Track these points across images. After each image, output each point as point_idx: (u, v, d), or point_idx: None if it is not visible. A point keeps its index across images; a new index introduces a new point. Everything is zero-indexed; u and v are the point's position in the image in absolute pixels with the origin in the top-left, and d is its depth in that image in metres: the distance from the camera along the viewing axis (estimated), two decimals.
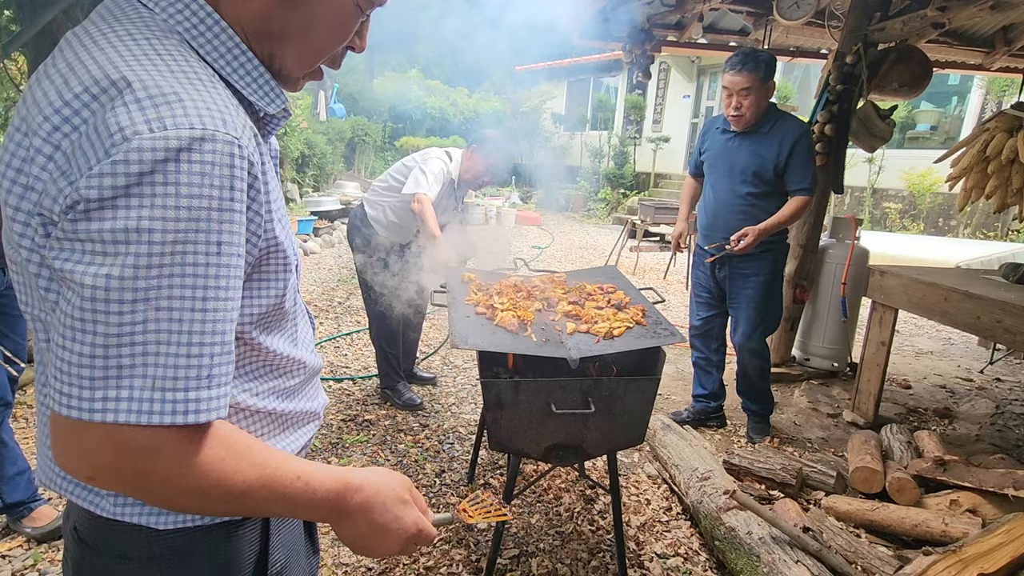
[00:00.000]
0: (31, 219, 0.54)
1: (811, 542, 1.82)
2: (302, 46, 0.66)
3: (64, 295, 0.51)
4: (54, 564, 1.95)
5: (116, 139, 0.49)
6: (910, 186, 9.67)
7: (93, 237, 0.49)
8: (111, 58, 0.53)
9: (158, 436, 0.52)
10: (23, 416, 2.88)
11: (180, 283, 0.51)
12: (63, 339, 0.50)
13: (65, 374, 0.50)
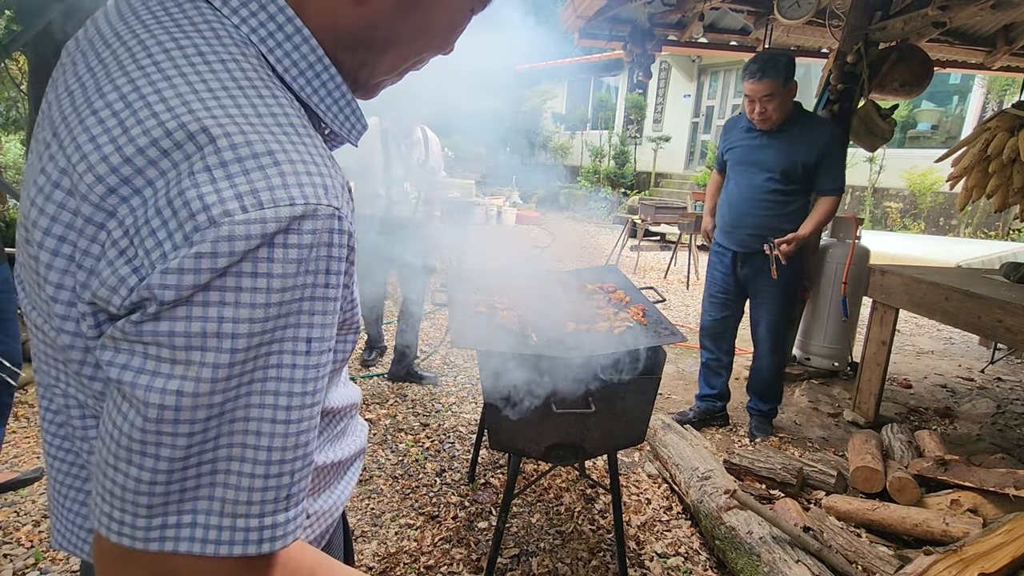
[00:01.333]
0: (78, 300, 0.42)
1: (812, 542, 1.82)
2: (405, 52, 0.58)
3: (119, 406, 0.40)
4: (55, 563, 1.96)
5: (200, 221, 0.38)
6: (911, 185, 9.66)
7: (161, 341, 0.39)
8: (183, 95, 0.41)
9: (219, 568, 0.43)
10: (24, 416, 2.89)
11: (260, 390, 0.42)
12: (115, 459, 0.40)
13: (117, 498, 0.41)
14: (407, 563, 2.03)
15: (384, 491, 2.46)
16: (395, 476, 2.57)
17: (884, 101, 3.60)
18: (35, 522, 2.15)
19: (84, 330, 0.42)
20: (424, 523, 2.25)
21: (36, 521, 2.15)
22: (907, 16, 3.14)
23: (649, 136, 13.21)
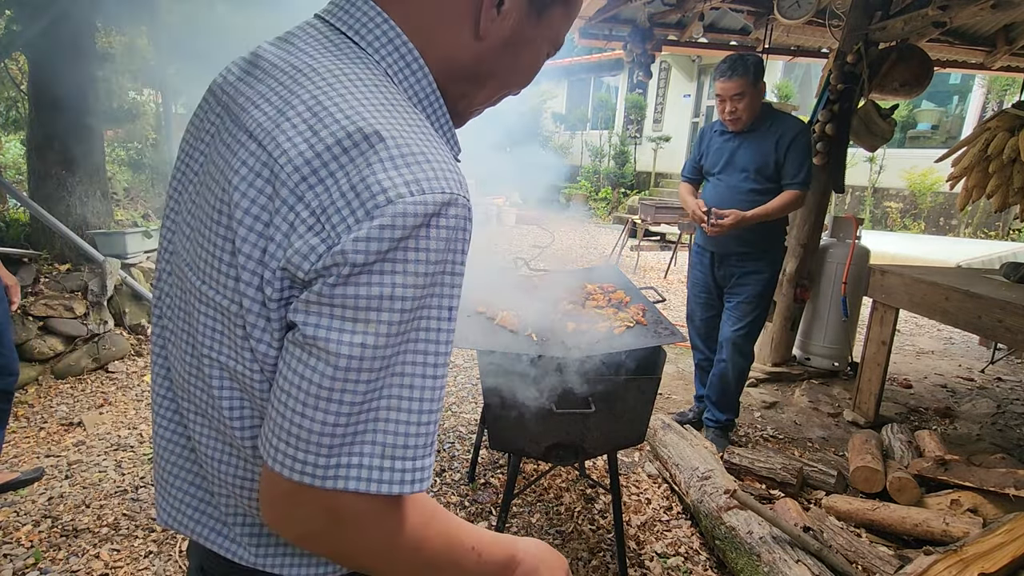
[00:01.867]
0: (264, 269, 0.50)
1: (812, 541, 1.82)
2: (498, 86, 0.68)
3: (306, 361, 0.48)
4: (55, 563, 1.96)
5: (379, 200, 0.47)
6: (911, 185, 9.66)
7: (347, 303, 0.47)
8: (356, 107, 0.51)
9: (375, 504, 0.51)
10: (24, 416, 2.89)
11: (413, 349, 0.50)
12: (303, 406, 0.48)
13: (302, 440, 0.48)
14: None
15: None
16: None
17: (884, 101, 3.60)
18: (35, 522, 2.15)
19: (268, 294, 0.50)
20: None
21: (36, 521, 2.15)
22: (907, 16, 3.14)
23: (649, 136, 13.20)
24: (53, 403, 3.06)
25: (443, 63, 0.61)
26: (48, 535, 2.09)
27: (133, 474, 2.49)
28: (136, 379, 3.41)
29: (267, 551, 0.62)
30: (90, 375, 3.38)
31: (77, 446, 2.68)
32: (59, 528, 2.12)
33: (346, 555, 0.55)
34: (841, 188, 3.60)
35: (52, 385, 3.24)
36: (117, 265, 3.74)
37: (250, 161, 0.51)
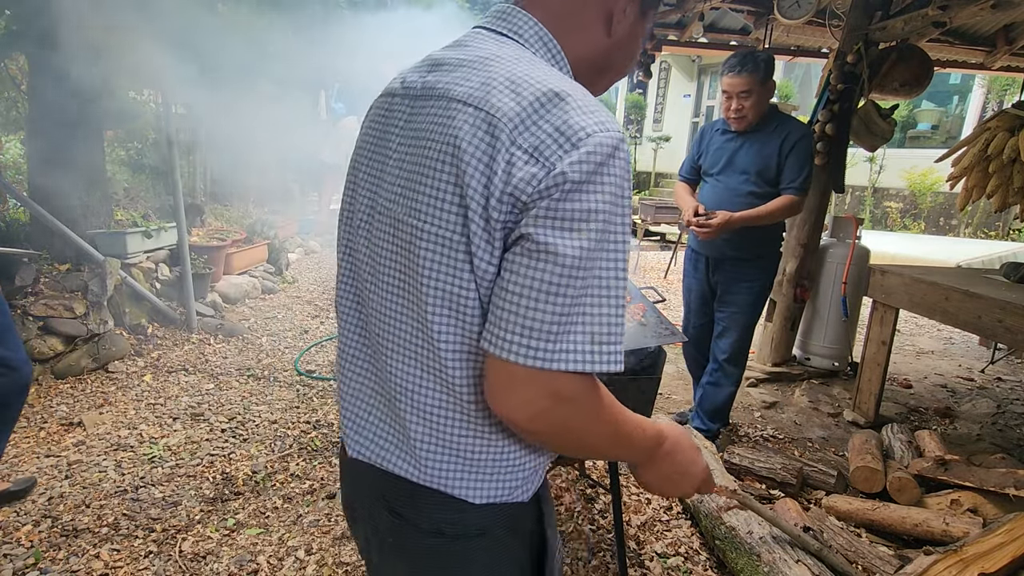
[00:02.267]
0: (489, 198, 0.62)
1: (812, 541, 1.82)
2: (613, 77, 0.84)
3: (535, 265, 0.60)
4: (55, 563, 1.96)
5: (581, 135, 0.60)
6: (911, 185, 9.66)
7: (566, 215, 0.59)
8: (540, 77, 0.65)
9: (585, 383, 0.64)
10: (24, 416, 2.89)
11: (606, 256, 0.62)
12: (535, 301, 0.60)
13: (534, 330, 0.60)
14: None
15: None
16: None
17: (884, 101, 3.60)
18: (35, 522, 2.15)
19: (495, 217, 0.62)
20: None
21: (36, 521, 2.15)
22: (907, 16, 3.14)
23: (649, 136, 13.20)
24: (53, 403, 3.06)
25: (577, 59, 0.77)
26: (48, 535, 2.09)
27: (133, 474, 2.49)
28: (136, 379, 3.41)
29: (451, 472, 0.72)
30: (90, 375, 3.38)
31: (77, 446, 2.68)
32: (59, 528, 2.12)
33: (563, 432, 0.67)
34: (841, 188, 3.59)
35: (52, 385, 3.24)
36: (117, 265, 3.74)
37: (471, 119, 0.64)
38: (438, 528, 0.74)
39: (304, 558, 2.04)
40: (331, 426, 3.00)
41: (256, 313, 4.85)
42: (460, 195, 0.64)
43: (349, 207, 0.81)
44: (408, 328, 0.71)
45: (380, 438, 0.77)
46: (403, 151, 0.71)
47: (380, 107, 0.80)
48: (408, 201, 0.69)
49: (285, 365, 3.81)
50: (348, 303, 0.82)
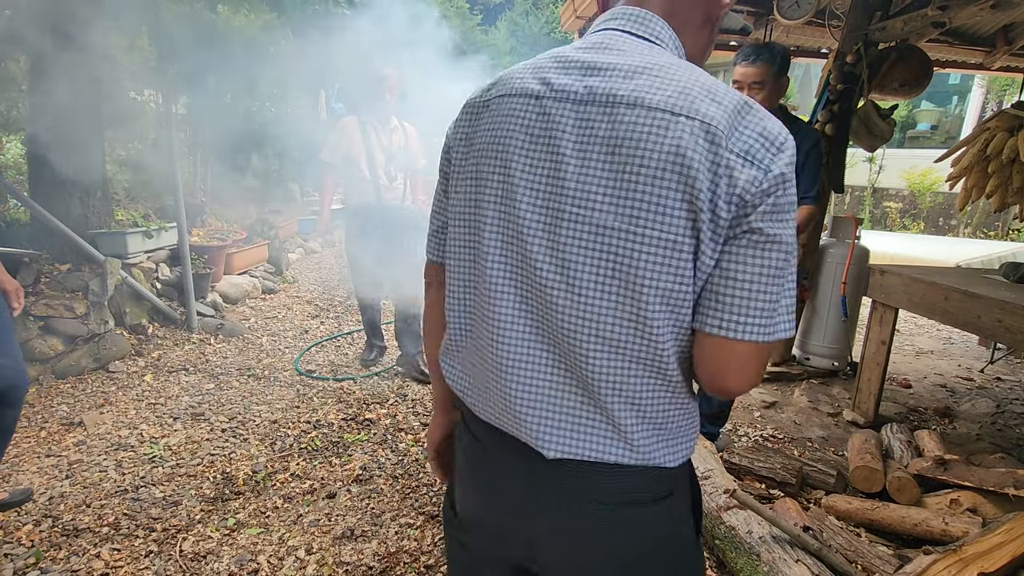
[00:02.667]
0: (716, 200, 0.68)
1: (811, 541, 1.83)
2: None
3: (766, 253, 0.69)
4: (56, 562, 1.96)
5: (780, 139, 0.69)
6: (910, 185, 9.66)
7: (783, 208, 0.69)
8: (723, 86, 0.73)
9: (773, 346, 0.74)
10: (24, 415, 2.89)
11: None
12: (767, 285, 0.69)
13: (765, 310, 0.70)
14: (407, 562, 2.04)
15: (384, 490, 2.46)
16: (395, 476, 2.58)
17: (884, 101, 3.61)
18: (35, 521, 2.15)
19: (724, 216, 0.68)
20: (424, 522, 2.25)
21: (36, 520, 2.16)
22: (907, 16, 3.14)
23: None
24: (53, 403, 3.06)
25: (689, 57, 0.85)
26: (49, 535, 2.09)
27: (133, 474, 2.49)
28: (136, 379, 3.41)
29: (657, 446, 0.78)
30: (90, 375, 3.39)
31: (77, 446, 2.69)
32: (60, 528, 2.13)
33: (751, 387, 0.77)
34: (841, 188, 3.60)
35: (52, 385, 3.24)
36: (117, 265, 3.74)
37: (689, 129, 0.69)
38: (636, 499, 0.80)
39: (304, 558, 2.04)
40: (331, 425, 3.01)
41: (256, 313, 4.85)
42: (689, 200, 0.68)
43: (503, 213, 0.78)
44: (615, 325, 0.73)
45: (584, 433, 0.78)
46: (595, 159, 0.72)
47: (514, 109, 0.79)
48: (620, 209, 0.71)
49: (285, 365, 3.81)
50: (513, 313, 0.80)
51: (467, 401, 0.88)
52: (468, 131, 0.84)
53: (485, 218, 0.80)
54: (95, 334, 3.48)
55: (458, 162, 0.85)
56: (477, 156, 0.81)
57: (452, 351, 0.91)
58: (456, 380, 0.90)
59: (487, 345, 0.82)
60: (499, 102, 0.80)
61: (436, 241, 0.95)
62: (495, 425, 0.84)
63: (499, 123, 0.79)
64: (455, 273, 0.86)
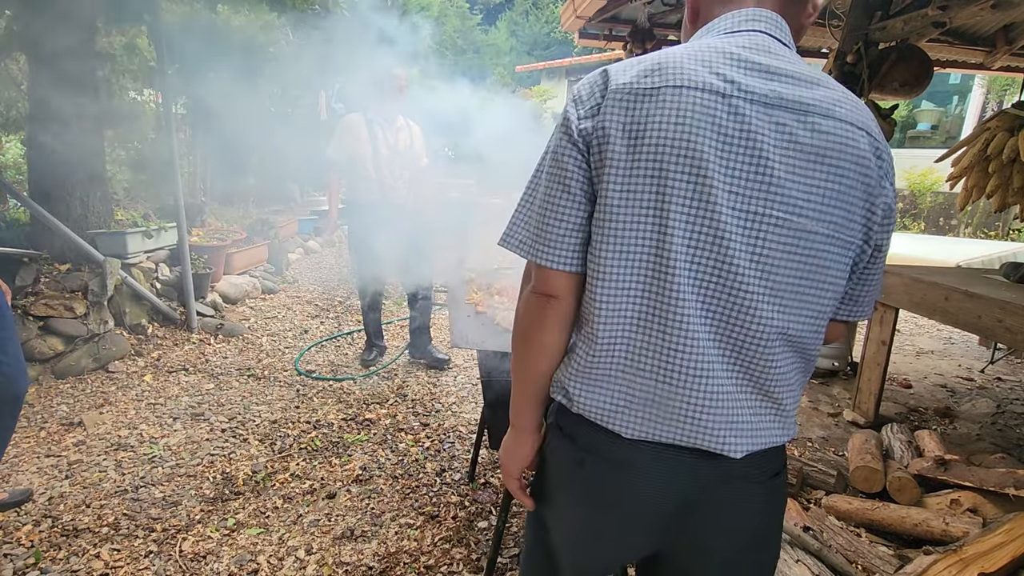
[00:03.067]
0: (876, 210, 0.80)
1: (811, 541, 1.82)
2: None
3: (882, 259, 0.86)
4: (55, 562, 1.96)
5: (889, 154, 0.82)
6: (911, 185, 9.66)
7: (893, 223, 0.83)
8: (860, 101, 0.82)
9: None
10: (24, 415, 2.89)
11: None
12: (879, 280, 0.88)
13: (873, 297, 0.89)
14: (407, 563, 2.03)
15: (384, 491, 2.46)
16: (395, 476, 2.57)
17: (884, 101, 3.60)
18: (35, 522, 2.15)
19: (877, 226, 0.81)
20: (424, 523, 2.25)
21: (36, 521, 2.16)
22: (907, 16, 3.13)
23: None
24: (53, 403, 3.06)
25: None
26: (48, 535, 2.09)
27: (133, 474, 2.49)
28: (136, 379, 3.41)
29: (796, 420, 0.89)
30: (90, 375, 3.39)
31: (77, 446, 2.68)
32: (59, 528, 2.12)
33: None
34: None
35: (52, 385, 3.24)
36: (117, 265, 3.74)
37: (868, 144, 0.77)
38: (780, 468, 0.89)
39: (304, 558, 2.04)
40: (330, 425, 3.00)
41: (256, 313, 4.85)
42: (868, 210, 0.79)
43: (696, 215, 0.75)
44: (802, 324, 0.80)
45: (761, 427, 0.83)
46: (801, 165, 0.75)
47: (697, 104, 0.74)
48: (823, 215, 0.76)
49: (285, 365, 3.81)
50: (698, 320, 0.77)
51: (612, 424, 0.83)
52: (628, 120, 0.76)
53: (672, 219, 0.75)
54: (95, 334, 3.48)
55: (619, 154, 0.76)
56: (654, 151, 0.74)
57: (596, 372, 0.84)
58: (598, 404, 0.84)
59: (662, 357, 0.79)
60: (674, 93, 0.74)
61: (571, 245, 0.82)
62: (659, 441, 0.82)
63: (680, 117, 0.74)
64: (618, 281, 0.78)
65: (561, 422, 0.90)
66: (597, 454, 0.86)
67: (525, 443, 0.96)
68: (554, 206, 0.81)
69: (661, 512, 0.85)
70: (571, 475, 0.90)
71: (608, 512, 0.88)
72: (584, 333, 0.84)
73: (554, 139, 0.82)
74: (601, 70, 0.81)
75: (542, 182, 0.83)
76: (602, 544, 0.91)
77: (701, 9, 0.89)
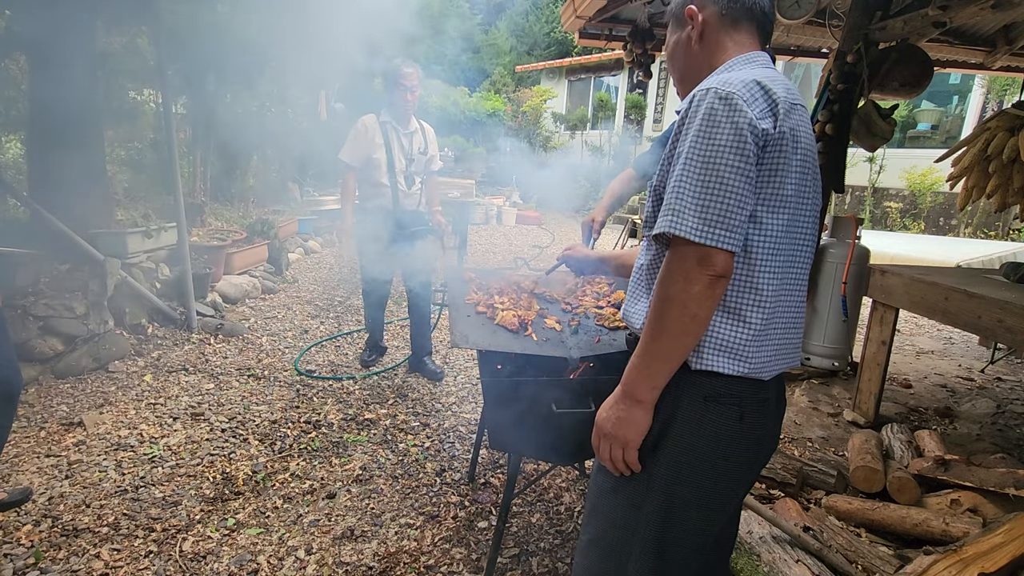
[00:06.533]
0: None
1: (811, 541, 1.82)
2: None
3: None
4: (55, 562, 1.96)
5: None
6: (911, 185, 9.65)
7: None
8: None
9: None
10: (24, 415, 2.89)
11: None
12: None
13: None
14: (407, 563, 2.03)
15: (384, 491, 2.46)
16: (395, 476, 2.57)
17: (884, 101, 3.60)
18: (35, 522, 2.15)
19: None
20: (424, 523, 2.25)
21: (36, 521, 2.16)
22: (907, 16, 3.13)
23: (649, 136, 13.20)
24: (53, 403, 3.06)
25: None
26: (48, 535, 2.09)
27: (133, 474, 2.49)
28: (136, 379, 3.41)
29: None
30: (90, 375, 3.39)
31: (77, 446, 2.68)
32: (59, 528, 2.12)
33: None
34: (841, 188, 3.59)
35: (52, 385, 3.24)
36: (117, 265, 3.74)
37: None
38: None
39: (304, 558, 2.04)
40: (331, 425, 3.00)
41: (256, 313, 4.85)
42: None
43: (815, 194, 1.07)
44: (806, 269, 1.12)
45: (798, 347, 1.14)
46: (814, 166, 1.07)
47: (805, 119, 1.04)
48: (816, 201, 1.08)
49: (285, 365, 3.81)
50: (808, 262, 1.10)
51: (763, 374, 1.04)
52: (790, 127, 0.99)
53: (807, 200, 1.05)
54: (95, 334, 3.48)
55: (789, 153, 0.98)
56: (805, 151, 1.02)
57: (765, 334, 1.03)
58: (761, 362, 1.03)
59: (794, 307, 1.09)
60: (801, 110, 1.02)
61: (743, 229, 0.97)
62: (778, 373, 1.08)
63: (807, 128, 1.03)
64: (786, 254, 1.03)
65: (720, 392, 1.03)
66: (751, 402, 1.04)
67: (648, 416, 1.06)
68: (737, 194, 0.94)
69: (778, 430, 1.14)
70: (733, 435, 1.04)
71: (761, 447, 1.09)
72: (751, 303, 1.02)
73: (729, 134, 0.95)
74: (749, 79, 0.99)
75: (720, 172, 0.94)
76: (746, 484, 1.14)
77: (708, 37, 1.15)
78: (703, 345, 1.02)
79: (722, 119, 0.94)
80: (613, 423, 1.07)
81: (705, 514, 1.07)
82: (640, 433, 1.06)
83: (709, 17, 1.14)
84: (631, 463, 1.07)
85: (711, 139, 0.94)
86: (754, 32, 1.14)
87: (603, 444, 1.09)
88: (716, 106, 0.95)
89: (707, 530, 1.09)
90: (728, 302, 1.01)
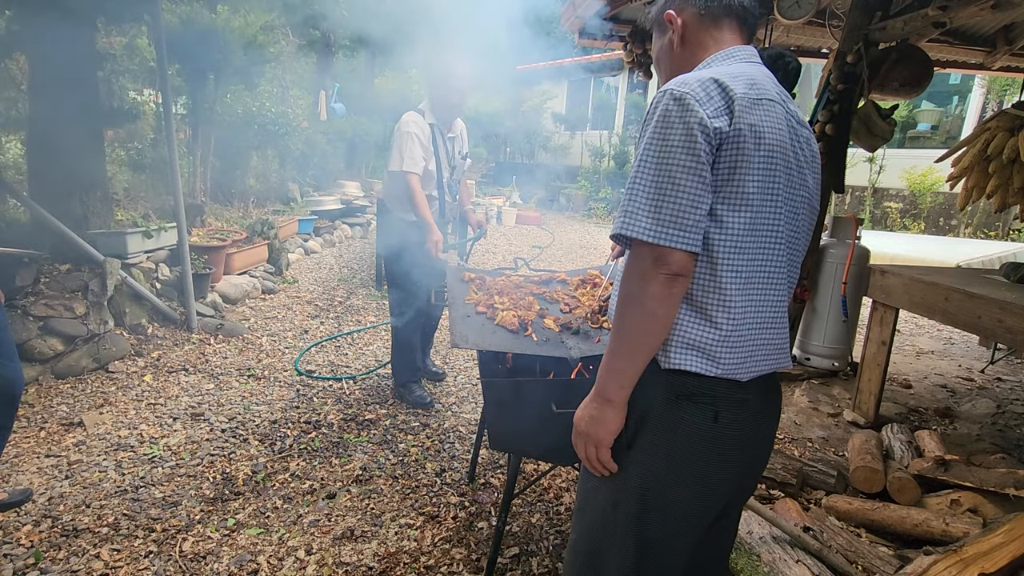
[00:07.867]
0: None
1: (812, 541, 1.82)
2: None
3: None
4: (55, 563, 1.96)
5: None
6: (911, 185, 9.65)
7: None
8: None
9: None
10: (24, 416, 2.89)
11: None
12: None
13: None
14: (407, 563, 2.03)
15: (384, 491, 2.46)
16: (395, 476, 2.57)
17: (884, 101, 3.60)
18: (35, 522, 2.15)
19: None
20: (424, 523, 2.25)
21: (36, 521, 2.16)
22: (907, 16, 3.13)
23: None
24: (53, 403, 3.06)
25: None
26: (48, 535, 2.09)
27: (133, 474, 2.49)
28: (136, 379, 3.41)
29: None
30: (90, 375, 3.39)
31: (77, 446, 2.68)
32: (59, 528, 2.12)
33: None
34: (841, 188, 3.59)
35: (52, 385, 3.24)
36: (117, 265, 3.74)
37: None
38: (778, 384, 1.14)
39: (304, 558, 2.04)
40: (330, 426, 3.00)
41: (256, 313, 4.85)
42: None
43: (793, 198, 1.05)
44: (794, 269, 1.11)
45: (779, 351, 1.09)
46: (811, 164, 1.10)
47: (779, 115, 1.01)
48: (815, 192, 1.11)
49: (285, 365, 3.81)
50: (785, 267, 1.06)
51: (739, 375, 1.01)
52: (752, 123, 0.96)
53: (779, 200, 1.01)
54: (95, 334, 3.48)
55: (750, 150, 0.96)
56: (771, 148, 0.98)
57: (735, 334, 1.01)
58: (735, 361, 1.01)
59: (771, 307, 1.05)
60: (768, 105, 0.99)
61: (700, 228, 0.95)
62: (760, 374, 1.04)
63: (777, 124, 0.99)
64: (751, 253, 0.99)
65: (692, 391, 1.02)
66: (726, 403, 1.02)
67: (619, 415, 1.05)
68: (690, 194, 0.93)
69: (768, 433, 1.13)
70: (707, 435, 1.02)
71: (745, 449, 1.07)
72: (715, 303, 0.99)
73: (680, 134, 0.94)
74: (707, 77, 0.97)
75: (672, 173, 0.94)
76: (732, 487, 1.10)
77: (689, 38, 1.15)
78: (670, 344, 1.01)
79: (675, 119, 0.94)
80: (586, 422, 1.07)
81: (683, 514, 1.06)
82: (611, 432, 1.05)
83: (688, 19, 1.14)
84: (605, 462, 1.07)
85: (664, 140, 0.95)
86: (735, 27, 1.13)
87: (578, 443, 1.09)
88: (670, 107, 0.95)
89: (686, 531, 1.07)
90: (695, 299, 1.01)
